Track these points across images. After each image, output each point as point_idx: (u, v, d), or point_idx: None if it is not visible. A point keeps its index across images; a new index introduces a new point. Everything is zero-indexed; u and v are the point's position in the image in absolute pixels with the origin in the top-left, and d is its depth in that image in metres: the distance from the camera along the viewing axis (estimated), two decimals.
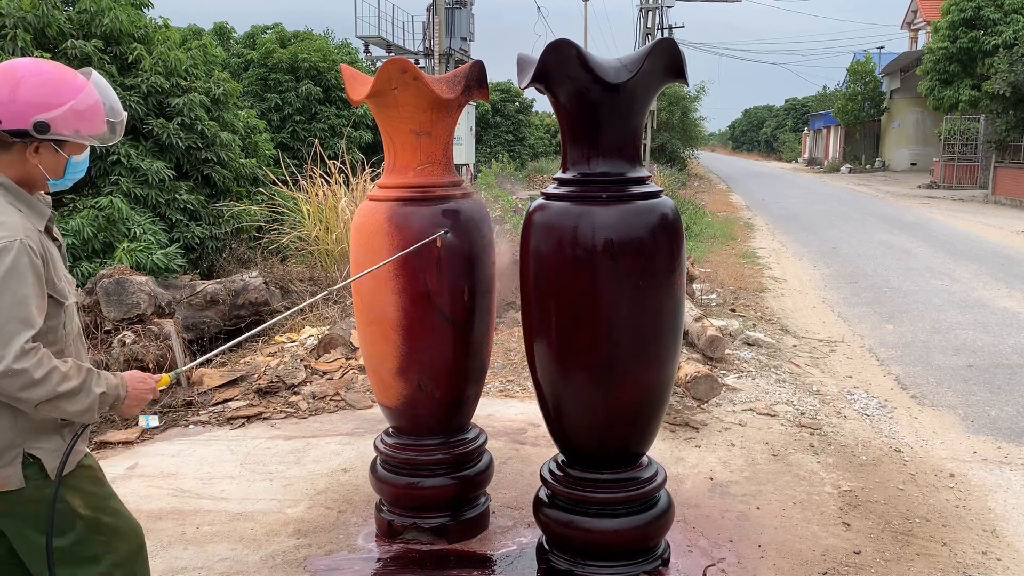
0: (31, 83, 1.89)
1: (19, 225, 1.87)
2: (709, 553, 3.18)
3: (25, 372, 1.79)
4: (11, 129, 1.88)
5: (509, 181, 16.49)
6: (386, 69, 2.80)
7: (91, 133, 1.97)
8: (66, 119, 1.92)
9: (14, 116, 1.87)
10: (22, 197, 1.95)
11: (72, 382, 1.87)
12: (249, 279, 6.56)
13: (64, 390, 1.85)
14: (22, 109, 1.87)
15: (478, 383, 3.21)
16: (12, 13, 7.01)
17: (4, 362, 1.77)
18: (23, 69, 1.92)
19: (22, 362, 1.78)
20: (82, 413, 1.90)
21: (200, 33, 14.05)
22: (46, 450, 1.99)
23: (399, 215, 2.92)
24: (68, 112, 1.92)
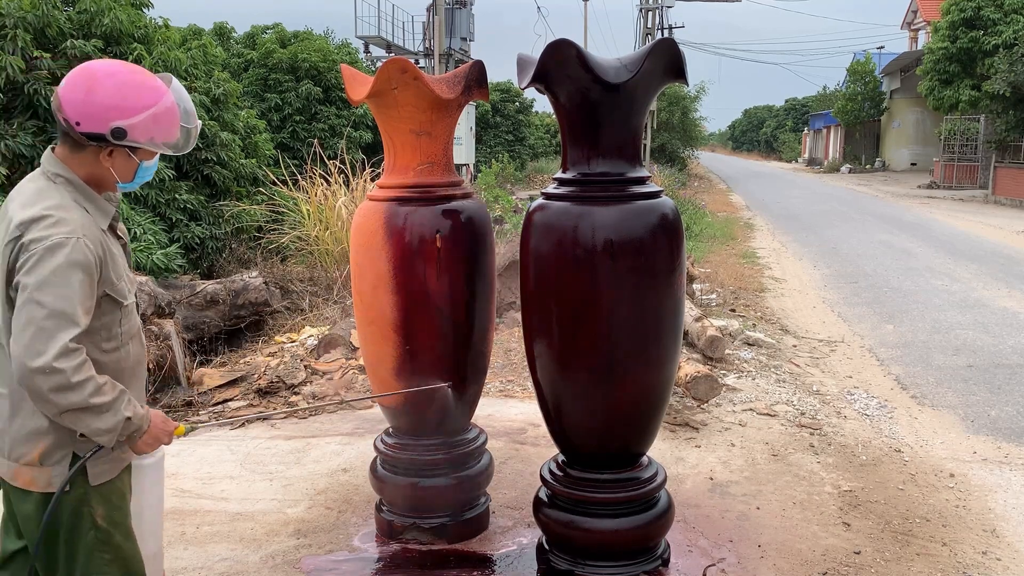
0: (111, 87, 1.88)
1: (78, 223, 1.86)
2: (709, 553, 3.18)
3: (63, 373, 1.74)
4: (88, 132, 1.87)
5: (509, 181, 16.50)
6: (386, 69, 2.80)
7: (165, 140, 1.96)
8: (144, 126, 1.91)
9: (92, 119, 1.87)
10: (89, 195, 1.95)
11: (105, 397, 1.81)
12: (249, 279, 6.56)
13: (95, 403, 1.79)
14: (101, 113, 1.86)
15: (478, 383, 3.21)
16: (12, 13, 7.01)
17: (44, 357, 1.72)
18: (104, 72, 1.90)
19: (62, 361, 1.73)
20: (102, 432, 1.84)
21: (200, 33, 14.05)
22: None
23: (399, 215, 2.92)
24: (147, 119, 1.91)
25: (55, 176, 1.92)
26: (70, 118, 1.86)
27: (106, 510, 1.98)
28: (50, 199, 1.87)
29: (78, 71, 1.90)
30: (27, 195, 1.89)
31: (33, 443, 1.89)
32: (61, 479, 1.90)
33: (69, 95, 1.86)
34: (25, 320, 1.74)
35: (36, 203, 1.86)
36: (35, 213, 1.83)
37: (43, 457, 1.89)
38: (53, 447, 1.90)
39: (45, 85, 7.15)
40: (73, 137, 1.89)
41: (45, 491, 1.91)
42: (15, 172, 7.23)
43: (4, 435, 1.91)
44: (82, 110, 1.86)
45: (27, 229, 1.81)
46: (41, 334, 1.73)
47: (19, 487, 1.92)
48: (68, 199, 1.90)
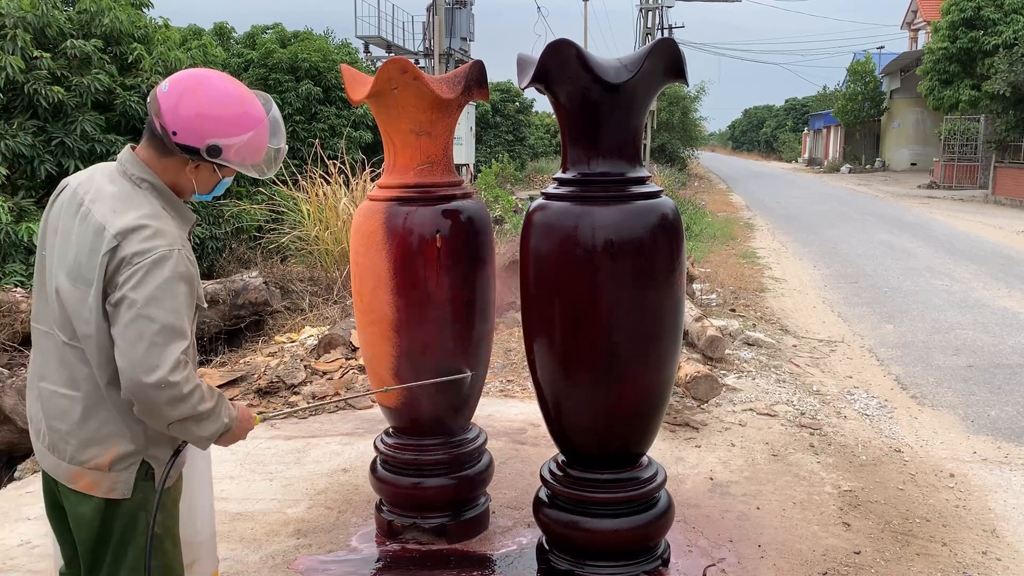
0: (217, 105, 1.86)
1: (175, 233, 1.85)
2: (709, 553, 3.18)
3: (177, 386, 1.75)
4: (183, 144, 1.85)
5: (509, 181, 16.50)
6: (386, 69, 2.80)
7: (253, 163, 1.95)
8: (239, 148, 1.89)
9: (191, 133, 1.85)
10: (174, 203, 1.93)
11: (208, 403, 1.84)
12: (249, 279, 6.56)
13: (201, 410, 1.82)
14: (201, 128, 1.85)
15: (478, 383, 3.21)
16: (12, 13, 7.01)
17: (159, 372, 1.73)
18: (211, 87, 1.88)
19: (176, 374, 1.75)
20: (203, 439, 1.87)
21: (200, 33, 14.06)
22: (159, 460, 1.95)
23: (399, 215, 2.92)
24: (243, 142, 1.89)
25: (140, 181, 1.89)
26: (168, 126, 1.84)
27: (161, 515, 1.96)
28: (142, 207, 1.84)
29: (185, 80, 1.87)
30: (115, 200, 1.84)
31: (106, 447, 1.87)
32: (124, 485, 1.89)
33: (172, 103, 1.84)
34: (136, 335, 1.74)
35: (128, 210, 1.82)
36: (132, 223, 1.79)
37: (113, 462, 1.87)
38: (126, 454, 1.88)
39: (45, 85, 7.16)
40: (165, 144, 1.87)
41: (106, 496, 1.89)
42: (15, 172, 7.24)
43: (69, 438, 1.87)
44: (183, 122, 1.84)
45: (125, 239, 1.77)
46: (154, 349, 1.74)
47: (78, 490, 1.89)
48: (158, 207, 1.87)
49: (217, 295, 6.22)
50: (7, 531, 3.38)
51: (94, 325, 1.81)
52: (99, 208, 1.83)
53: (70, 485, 1.89)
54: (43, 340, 1.93)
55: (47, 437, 1.91)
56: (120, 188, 1.87)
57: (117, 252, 1.77)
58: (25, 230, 6.41)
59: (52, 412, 1.90)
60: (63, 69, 7.46)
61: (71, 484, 1.89)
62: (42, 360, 1.93)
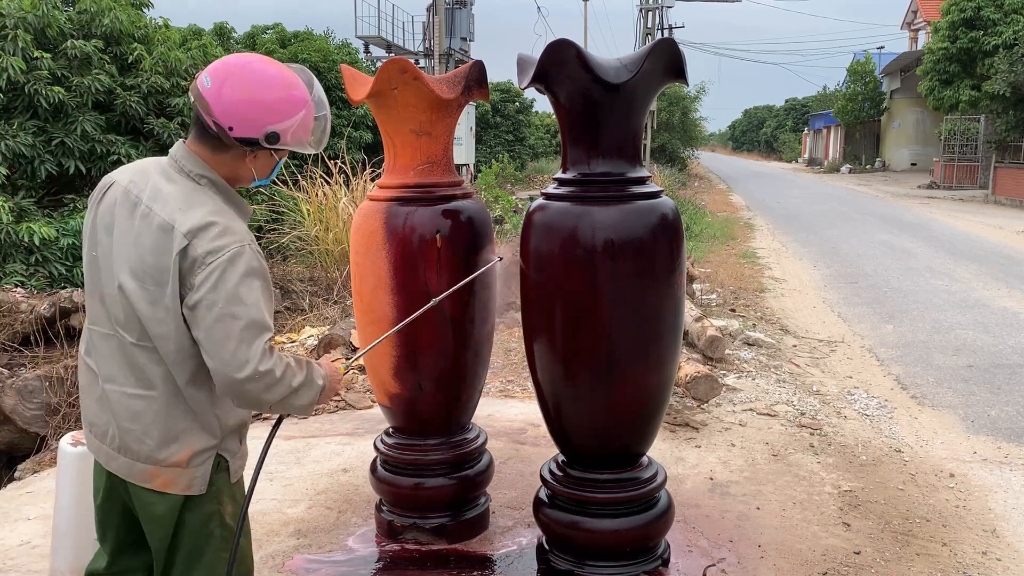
0: (266, 91, 1.83)
1: (243, 229, 1.84)
2: (709, 553, 3.18)
3: (270, 373, 1.79)
4: (241, 137, 1.83)
5: (509, 181, 16.51)
6: (386, 69, 2.80)
7: (308, 140, 1.94)
8: (295, 129, 1.88)
9: (247, 125, 1.82)
10: (233, 198, 1.92)
11: (300, 375, 1.87)
12: None
13: (296, 384, 1.85)
14: (254, 118, 1.82)
15: (478, 383, 3.21)
16: (12, 13, 7.02)
17: (249, 367, 1.76)
18: (255, 74, 1.84)
19: (265, 363, 1.78)
20: (306, 407, 1.91)
21: (200, 33, 14.05)
22: (232, 452, 1.96)
23: (399, 215, 2.92)
24: (298, 123, 1.87)
25: (199, 177, 1.87)
26: (222, 123, 1.81)
27: (234, 508, 1.98)
28: (205, 204, 1.83)
29: (227, 71, 1.83)
30: (177, 198, 1.82)
31: (183, 444, 1.87)
32: (201, 480, 1.90)
33: (220, 98, 1.80)
34: (222, 336, 1.75)
35: (193, 208, 1.81)
36: (200, 221, 1.78)
37: (191, 458, 1.88)
38: (203, 449, 1.89)
39: (45, 85, 7.16)
40: (222, 139, 1.84)
41: (184, 493, 1.89)
42: (15, 172, 7.24)
43: (145, 438, 1.86)
44: (237, 115, 1.81)
45: (196, 238, 1.77)
46: (242, 346, 1.76)
47: (154, 489, 1.88)
48: (220, 203, 1.86)
49: None
50: (7, 531, 3.38)
51: (172, 325, 1.80)
52: (162, 207, 1.81)
53: (145, 484, 1.88)
54: (104, 343, 1.90)
55: (117, 439, 1.89)
56: (181, 186, 1.85)
57: (188, 251, 1.77)
58: (25, 230, 6.41)
59: (124, 414, 1.87)
60: (63, 69, 7.47)
61: (147, 483, 1.88)
62: (105, 362, 1.89)
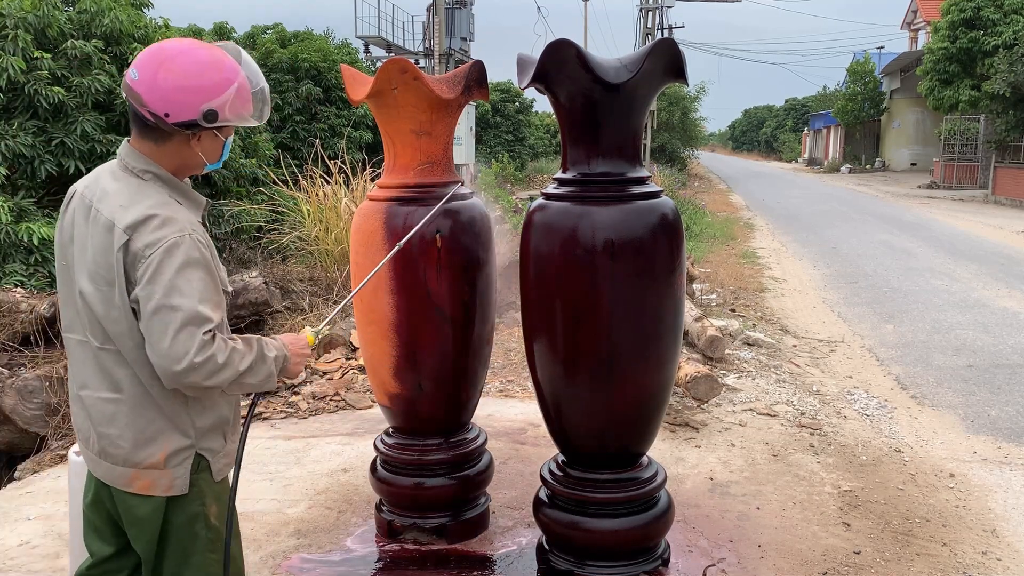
0: (194, 70, 1.80)
1: (187, 219, 1.84)
2: (709, 553, 3.18)
3: (210, 360, 1.77)
4: (180, 121, 1.80)
5: (509, 181, 16.51)
6: (386, 69, 2.80)
7: (249, 113, 1.91)
8: (232, 103, 1.84)
9: (182, 108, 1.79)
10: (181, 189, 1.91)
11: (248, 357, 1.85)
12: (249, 279, 6.56)
13: (245, 367, 1.83)
14: (190, 100, 1.79)
15: (478, 383, 3.21)
16: (12, 13, 7.01)
17: (187, 358, 1.75)
18: (180, 55, 1.81)
19: (202, 354, 1.76)
20: (264, 382, 1.90)
21: (200, 33, 14.05)
22: (213, 451, 1.94)
23: (399, 215, 2.92)
24: (232, 95, 1.84)
25: (143, 172, 1.86)
26: (157, 111, 1.79)
27: (219, 508, 1.97)
28: (149, 198, 1.82)
29: (151, 59, 1.81)
30: (120, 195, 1.82)
31: (158, 445, 1.86)
32: (182, 481, 1.89)
33: (151, 87, 1.78)
34: (160, 328, 1.75)
35: (135, 203, 1.80)
36: (139, 215, 1.78)
37: (168, 459, 1.87)
38: (179, 448, 1.88)
39: (45, 85, 7.16)
40: (162, 129, 1.82)
41: (165, 494, 1.88)
42: (15, 172, 7.24)
43: (120, 441, 1.86)
44: (170, 100, 1.78)
45: (135, 232, 1.77)
46: (178, 337, 1.75)
47: (135, 492, 1.88)
48: (165, 196, 1.85)
49: None
50: (7, 531, 3.38)
51: (125, 324, 1.81)
52: (106, 206, 1.82)
53: (127, 488, 1.88)
54: (78, 349, 1.91)
55: (96, 444, 1.90)
56: (125, 183, 1.85)
57: (129, 246, 1.77)
58: (25, 230, 6.40)
59: (99, 418, 1.88)
60: (63, 69, 7.46)
61: (128, 487, 1.88)
62: (79, 368, 1.91)
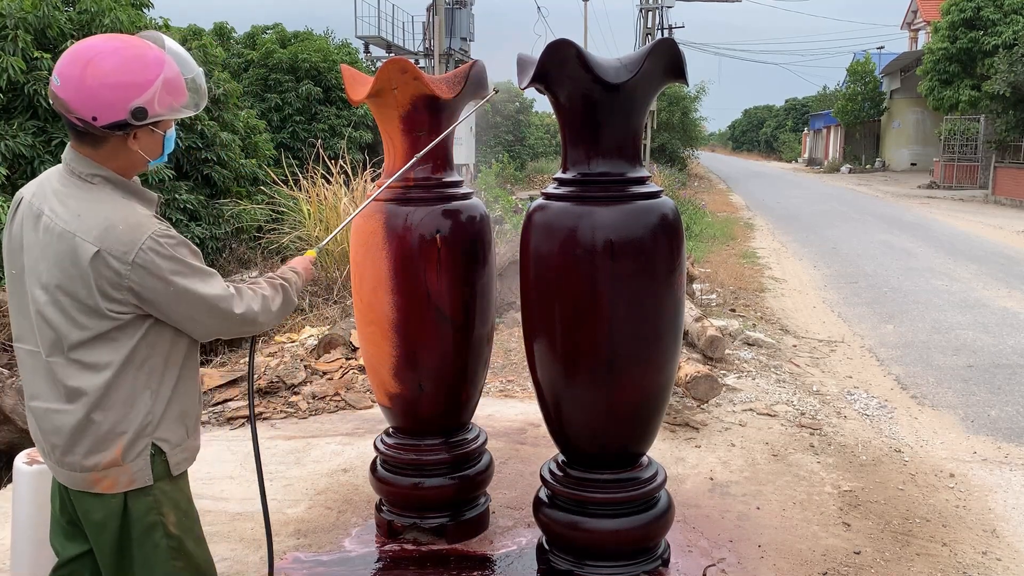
0: (116, 69, 1.75)
1: (146, 214, 1.83)
2: (709, 553, 3.18)
3: (249, 310, 1.91)
4: (109, 123, 1.75)
5: (509, 181, 16.50)
6: (386, 69, 2.80)
7: (182, 104, 1.87)
8: (161, 97, 1.79)
9: (109, 109, 1.75)
10: (131, 189, 1.88)
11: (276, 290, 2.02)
12: (249, 279, 6.56)
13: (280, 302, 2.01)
14: (113, 100, 1.74)
15: (478, 383, 3.21)
16: (13, 14, 7.02)
17: (234, 315, 1.88)
18: (99, 56, 1.76)
19: (239, 306, 1.89)
20: (290, 302, 2.07)
21: (200, 33, 14.04)
22: (171, 443, 1.92)
23: (399, 215, 2.92)
24: (160, 89, 1.79)
25: (91, 177, 1.82)
26: (84, 116, 1.75)
27: (176, 516, 1.94)
28: (102, 203, 1.80)
29: (71, 63, 1.76)
30: (74, 203, 1.79)
31: (112, 442, 1.84)
32: (143, 472, 1.87)
33: (74, 91, 1.74)
34: (191, 310, 1.84)
35: (93, 212, 1.78)
36: (103, 224, 1.76)
37: (124, 453, 1.85)
38: (133, 440, 1.85)
39: (45, 86, 7.16)
40: (94, 133, 1.78)
41: (128, 488, 1.87)
42: (15, 172, 7.24)
43: (74, 449, 1.84)
44: (95, 104, 1.74)
45: (104, 242, 1.74)
46: (213, 309, 1.86)
47: (99, 492, 1.86)
48: (118, 198, 1.83)
49: None
50: (7, 531, 3.38)
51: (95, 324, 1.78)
52: (60, 215, 1.78)
53: (91, 489, 1.87)
54: (29, 359, 1.88)
55: (52, 454, 1.89)
56: (75, 189, 1.82)
57: (103, 255, 1.74)
58: None
59: (49, 429, 1.87)
60: None
61: (92, 488, 1.86)
62: (31, 379, 1.89)
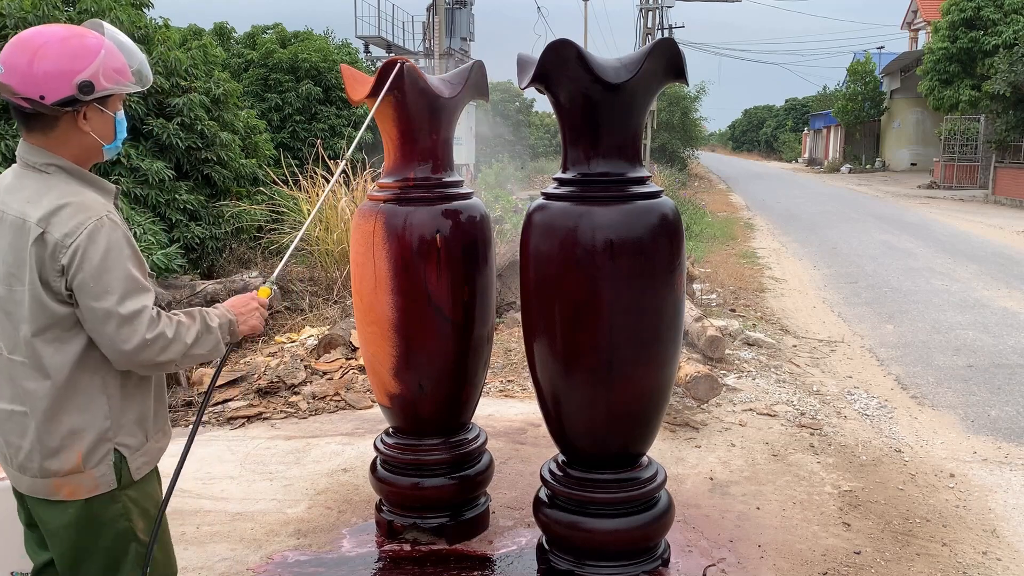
0: (56, 47, 1.79)
1: (98, 202, 1.83)
2: (709, 553, 3.18)
3: (161, 336, 1.80)
4: (57, 100, 1.78)
5: (509, 181, 16.50)
6: (386, 69, 2.80)
7: (128, 80, 1.89)
8: (104, 71, 1.82)
9: (55, 86, 1.78)
10: (87, 177, 1.89)
11: (194, 328, 1.88)
12: (249, 279, 6.56)
13: (192, 339, 1.87)
14: (59, 77, 1.77)
15: (478, 383, 3.21)
16: (12, 13, 7.01)
17: (138, 335, 1.77)
18: (40, 37, 1.81)
19: (152, 331, 1.79)
20: (213, 351, 1.93)
21: (200, 33, 14.03)
22: (131, 448, 1.91)
23: (399, 215, 2.92)
24: (103, 62, 1.82)
25: (46, 166, 1.84)
26: (32, 95, 1.77)
27: (146, 523, 1.94)
28: (54, 189, 1.81)
29: (12, 50, 1.80)
30: (28, 191, 1.81)
31: (71, 448, 1.83)
32: (106, 478, 1.86)
33: (19, 75, 1.77)
34: (103, 313, 1.76)
35: (44, 195, 1.79)
36: (50, 206, 1.77)
37: (85, 459, 1.84)
38: (93, 446, 1.85)
39: None
40: (44, 114, 1.80)
41: (91, 495, 1.86)
42: None
43: (33, 454, 1.83)
44: (41, 82, 1.77)
45: (49, 224, 1.75)
46: (124, 319, 1.77)
47: (60, 500, 1.85)
48: (73, 185, 1.84)
49: (217, 295, 6.22)
50: None
51: (44, 318, 1.78)
52: (13, 205, 1.81)
53: (53, 497, 1.85)
54: None
55: (13, 459, 1.87)
56: (29, 179, 1.84)
57: (45, 238, 1.75)
58: None
59: (9, 432, 1.85)
60: None
61: (53, 496, 1.84)
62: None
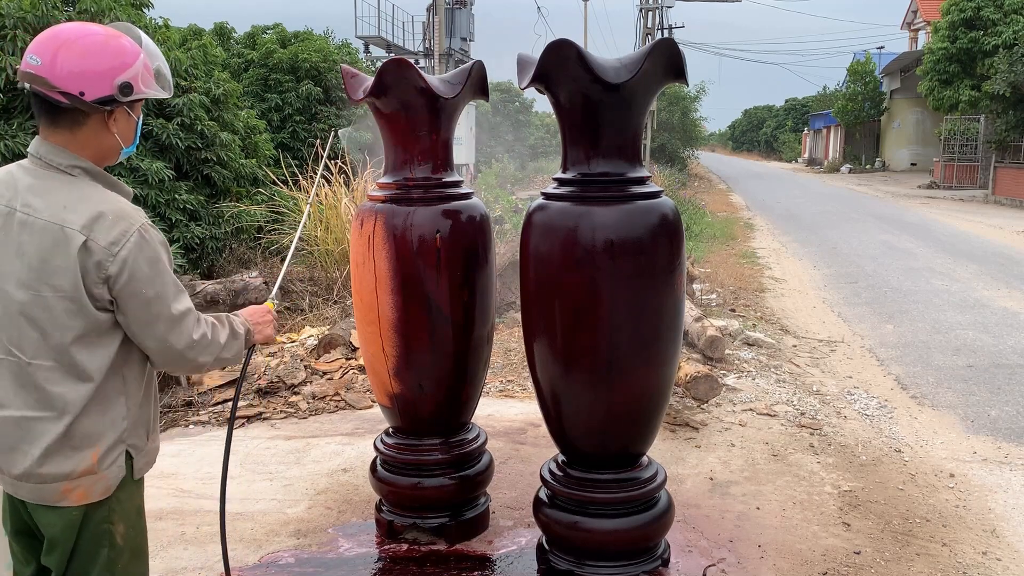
0: (96, 47, 1.77)
1: (131, 207, 1.83)
2: (709, 553, 3.18)
3: (203, 337, 1.90)
4: (97, 98, 1.76)
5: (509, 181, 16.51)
6: (386, 69, 2.80)
7: (158, 87, 1.90)
8: (143, 75, 1.83)
9: (96, 83, 1.76)
10: (109, 181, 1.87)
11: (224, 332, 1.98)
12: (249, 279, 6.56)
13: (224, 340, 1.97)
14: (103, 75, 1.76)
15: (478, 383, 3.21)
16: (12, 13, 7.01)
17: (187, 335, 1.86)
18: (81, 34, 1.78)
19: (198, 331, 1.89)
20: (235, 357, 2.03)
21: (200, 33, 14.03)
22: (137, 448, 1.91)
23: (399, 215, 2.92)
24: (141, 67, 1.83)
25: (71, 168, 1.80)
26: (72, 90, 1.74)
27: (125, 527, 1.92)
28: (88, 196, 1.79)
29: (49, 43, 1.76)
30: (59, 195, 1.77)
31: (88, 449, 1.81)
32: (115, 480, 1.86)
33: (60, 68, 1.73)
34: (156, 316, 1.82)
35: (80, 201, 1.77)
36: (89, 213, 1.75)
37: (101, 460, 1.82)
38: (111, 447, 1.84)
39: None
40: (76, 110, 1.77)
41: (100, 498, 1.84)
42: None
43: (47, 459, 1.79)
44: (83, 78, 1.74)
45: (92, 232, 1.74)
46: (175, 320, 1.85)
47: (68, 505, 1.82)
48: (101, 189, 1.82)
49: (217, 295, 6.22)
50: None
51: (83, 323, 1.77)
52: (44, 209, 1.76)
53: (59, 502, 1.82)
54: None
55: (14, 465, 1.81)
56: (56, 182, 1.80)
57: (89, 246, 1.74)
58: None
59: (20, 438, 1.80)
60: None
61: (60, 502, 1.82)
62: None
